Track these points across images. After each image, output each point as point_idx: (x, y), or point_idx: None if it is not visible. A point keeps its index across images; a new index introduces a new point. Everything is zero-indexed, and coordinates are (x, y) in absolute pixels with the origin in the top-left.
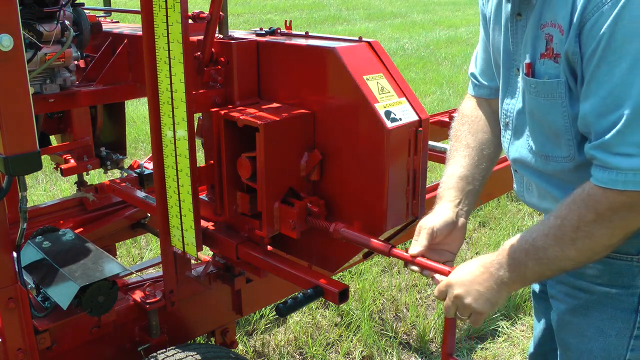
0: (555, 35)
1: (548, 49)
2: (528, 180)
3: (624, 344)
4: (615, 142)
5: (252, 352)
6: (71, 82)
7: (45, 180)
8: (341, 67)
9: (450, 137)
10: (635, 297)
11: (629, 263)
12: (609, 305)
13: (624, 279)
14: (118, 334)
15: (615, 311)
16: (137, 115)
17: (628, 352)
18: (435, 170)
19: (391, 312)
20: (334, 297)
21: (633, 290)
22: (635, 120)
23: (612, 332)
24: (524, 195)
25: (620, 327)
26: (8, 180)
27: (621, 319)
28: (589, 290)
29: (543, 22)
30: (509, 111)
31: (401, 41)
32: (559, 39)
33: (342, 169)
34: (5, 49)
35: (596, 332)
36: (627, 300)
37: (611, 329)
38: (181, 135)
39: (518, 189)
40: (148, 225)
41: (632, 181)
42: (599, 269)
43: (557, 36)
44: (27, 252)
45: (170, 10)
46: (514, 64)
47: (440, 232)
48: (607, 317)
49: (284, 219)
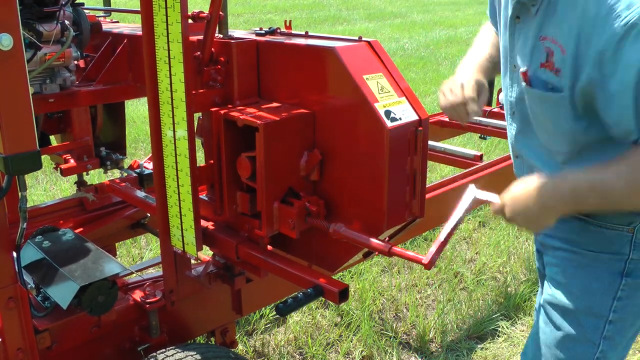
0: (555, 52)
1: (549, 61)
2: (531, 166)
3: (607, 304)
4: None
5: (252, 352)
6: (71, 82)
7: (45, 180)
8: (341, 67)
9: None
10: (622, 262)
11: (620, 233)
12: (597, 267)
13: (614, 247)
14: (118, 333)
15: (602, 272)
16: (137, 115)
17: (611, 312)
18: (435, 170)
19: (391, 312)
20: (334, 297)
21: (621, 256)
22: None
23: (597, 292)
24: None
25: (604, 288)
26: (8, 179)
27: (607, 280)
28: (580, 254)
29: (543, 35)
30: (514, 103)
31: (401, 41)
32: (560, 57)
33: (342, 169)
34: (5, 49)
35: (582, 290)
36: (614, 265)
37: (596, 288)
38: (181, 135)
39: (519, 174)
40: (148, 225)
41: None
42: (593, 237)
43: (557, 54)
44: (27, 251)
45: (170, 10)
46: (511, 61)
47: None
48: (593, 277)
49: (284, 218)
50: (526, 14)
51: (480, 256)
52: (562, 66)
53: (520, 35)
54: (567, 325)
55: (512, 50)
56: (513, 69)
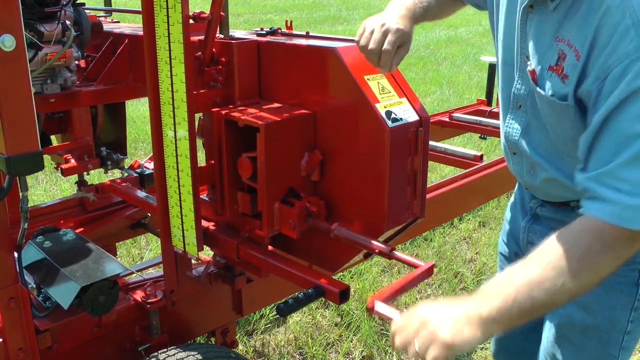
0: (569, 56)
1: (558, 65)
2: (533, 163)
3: (626, 315)
4: (615, 174)
5: (252, 352)
6: (72, 82)
7: (46, 180)
8: (342, 67)
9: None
10: (636, 272)
11: None
12: (613, 280)
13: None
14: (119, 333)
15: (619, 285)
16: (137, 115)
17: (629, 324)
18: (435, 170)
19: None
20: (334, 297)
21: (634, 266)
22: (635, 160)
23: (617, 305)
24: (524, 176)
25: (624, 300)
26: (9, 180)
27: (625, 292)
28: None
29: (560, 36)
30: (521, 96)
31: None
32: (573, 63)
33: (342, 169)
34: (8, 49)
35: (603, 307)
36: (629, 275)
37: (617, 302)
38: (182, 135)
39: (516, 170)
40: (148, 225)
41: (632, 219)
42: None
43: (571, 59)
44: (28, 252)
45: (171, 11)
46: (522, 52)
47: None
48: (614, 292)
49: (284, 219)
50: (542, 5)
51: (480, 256)
52: (571, 73)
53: (533, 27)
54: (589, 344)
55: (524, 40)
56: (525, 60)
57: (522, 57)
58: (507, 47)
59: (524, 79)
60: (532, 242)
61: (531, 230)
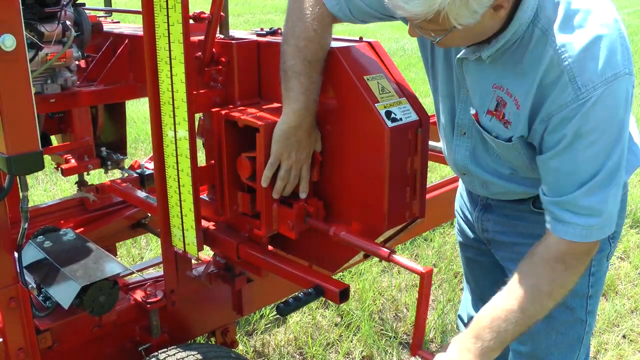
0: (509, 104)
1: (498, 111)
2: (484, 181)
3: (585, 282)
4: (575, 202)
5: (252, 352)
6: (72, 82)
7: (46, 180)
8: (341, 67)
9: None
10: None
11: None
12: None
13: None
14: (119, 333)
15: None
16: (137, 115)
17: (589, 288)
18: (435, 170)
19: (391, 312)
20: (334, 297)
21: None
22: (590, 190)
23: None
24: (477, 190)
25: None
26: (9, 180)
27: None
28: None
29: (497, 84)
30: (465, 125)
31: (401, 41)
32: (514, 111)
33: (342, 170)
34: (8, 49)
35: None
36: None
37: None
38: (182, 135)
39: (469, 185)
40: (149, 225)
41: (590, 235)
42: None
43: (511, 107)
44: (28, 251)
45: (171, 11)
46: (463, 86)
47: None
48: None
49: (283, 219)
50: (476, 58)
51: None
52: (514, 120)
53: (470, 74)
54: (557, 311)
55: (463, 79)
56: (466, 93)
57: (463, 90)
58: (445, 83)
59: (466, 110)
60: (487, 230)
61: (484, 218)
